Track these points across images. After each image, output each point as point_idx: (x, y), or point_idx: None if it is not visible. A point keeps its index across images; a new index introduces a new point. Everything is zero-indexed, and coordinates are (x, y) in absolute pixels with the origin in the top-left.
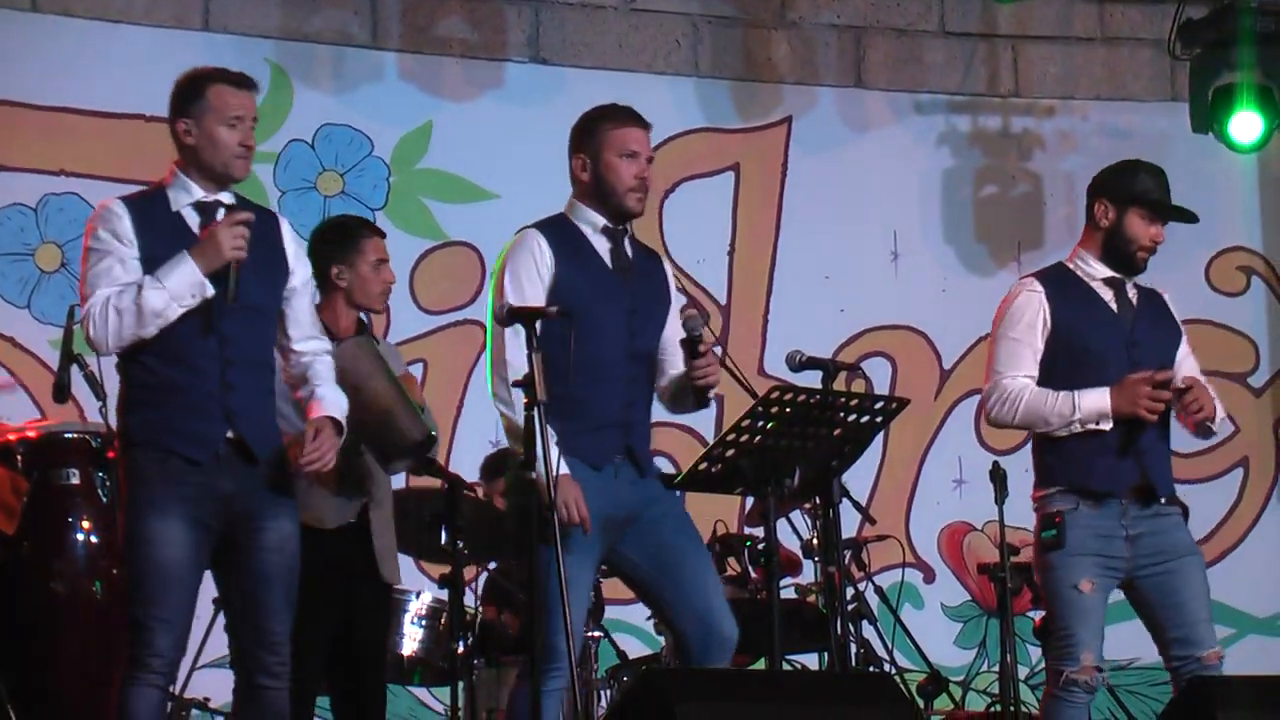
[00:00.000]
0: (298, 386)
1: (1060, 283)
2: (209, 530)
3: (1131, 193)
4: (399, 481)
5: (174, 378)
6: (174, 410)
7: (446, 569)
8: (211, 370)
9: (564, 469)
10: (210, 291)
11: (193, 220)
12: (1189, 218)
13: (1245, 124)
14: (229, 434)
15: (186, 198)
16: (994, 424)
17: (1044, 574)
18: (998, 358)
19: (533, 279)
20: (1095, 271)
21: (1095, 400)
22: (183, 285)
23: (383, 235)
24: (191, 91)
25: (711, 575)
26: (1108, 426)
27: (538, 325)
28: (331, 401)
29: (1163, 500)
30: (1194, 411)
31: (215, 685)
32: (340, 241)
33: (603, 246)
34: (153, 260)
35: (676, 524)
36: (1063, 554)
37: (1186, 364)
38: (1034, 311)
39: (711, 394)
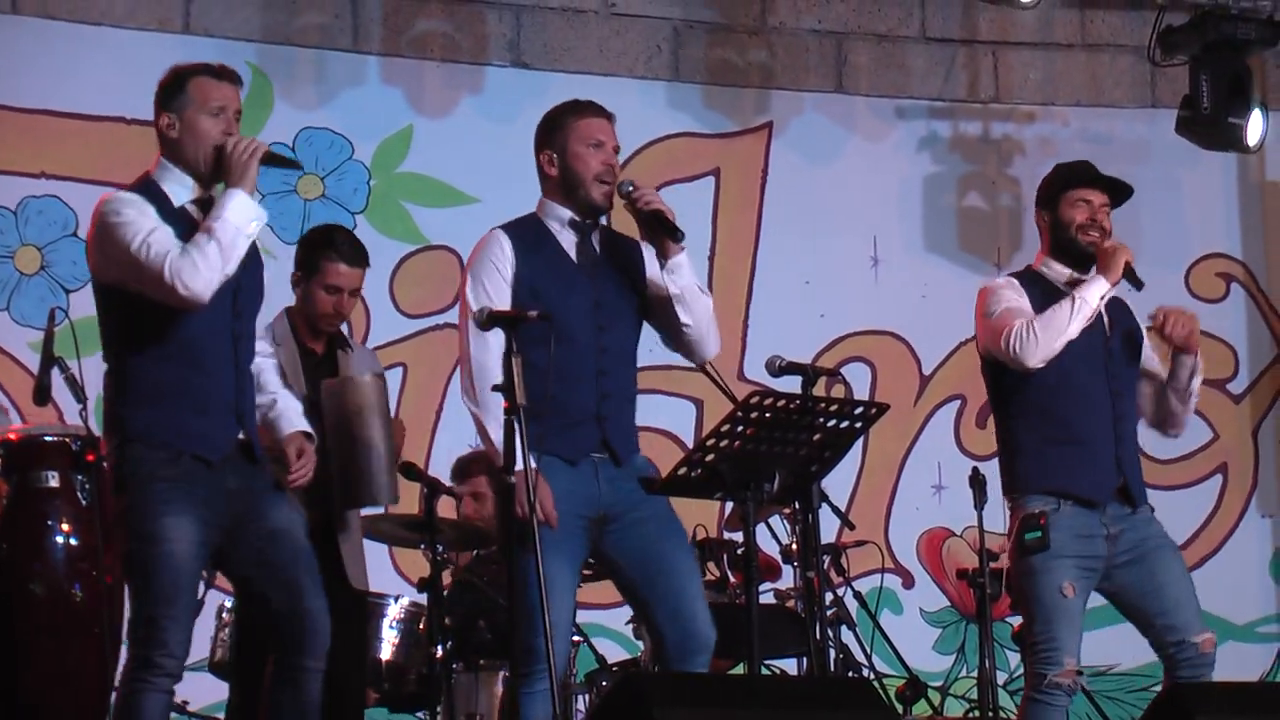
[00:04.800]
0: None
1: (1034, 283)
2: (216, 530)
3: (1053, 187)
4: None
5: (190, 379)
6: (188, 412)
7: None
8: (227, 374)
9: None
10: (265, 217)
11: (197, 216)
12: (1111, 181)
13: None
14: (240, 435)
15: (185, 194)
16: (1022, 361)
17: (1025, 578)
18: (994, 316)
19: (493, 279)
20: (1059, 276)
21: (1094, 287)
22: (240, 213)
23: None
24: (174, 86)
25: (693, 579)
26: (1109, 293)
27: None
28: (296, 413)
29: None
30: (1182, 327)
31: (194, 688)
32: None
33: (569, 241)
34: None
35: (660, 525)
36: (1045, 557)
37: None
38: (1016, 290)
39: (672, 219)
